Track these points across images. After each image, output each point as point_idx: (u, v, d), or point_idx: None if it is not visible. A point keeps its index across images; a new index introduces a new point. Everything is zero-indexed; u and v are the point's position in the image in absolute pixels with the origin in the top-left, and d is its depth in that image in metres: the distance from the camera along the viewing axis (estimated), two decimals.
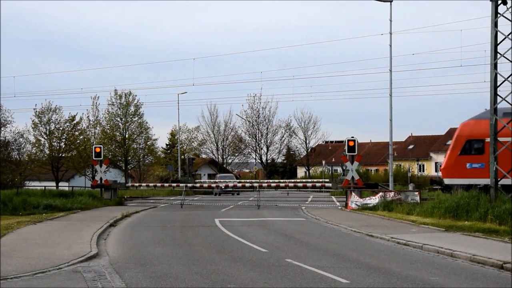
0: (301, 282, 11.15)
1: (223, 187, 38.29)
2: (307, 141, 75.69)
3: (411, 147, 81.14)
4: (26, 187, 40.36)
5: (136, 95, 62.99)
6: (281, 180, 51.35)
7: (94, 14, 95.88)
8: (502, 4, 22.55)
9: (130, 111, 63.32)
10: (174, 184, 38.87)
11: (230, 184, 38.34)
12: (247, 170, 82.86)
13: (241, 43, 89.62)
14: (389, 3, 30.81)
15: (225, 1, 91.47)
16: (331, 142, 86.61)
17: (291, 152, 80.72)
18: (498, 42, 22.56)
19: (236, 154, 77.27)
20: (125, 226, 22.50)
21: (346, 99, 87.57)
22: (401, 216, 24.44)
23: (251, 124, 74.77)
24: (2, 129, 55.10)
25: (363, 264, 13.21)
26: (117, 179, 38.85)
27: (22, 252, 14.78)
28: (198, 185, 38.28)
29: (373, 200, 29.59)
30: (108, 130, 57.02)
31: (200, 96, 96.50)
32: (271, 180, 52.42)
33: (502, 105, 23.21)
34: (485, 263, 13.09)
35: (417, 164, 74.90)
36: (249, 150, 77.08)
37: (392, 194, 29.61)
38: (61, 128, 54.40)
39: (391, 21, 31.27)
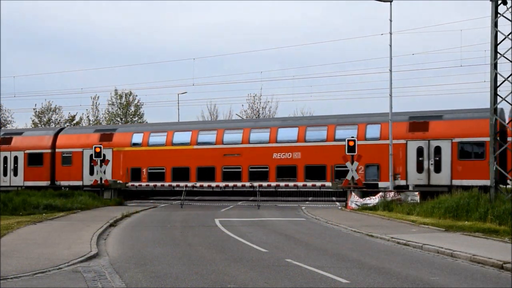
0: (301, 282, 11.15)
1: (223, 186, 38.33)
2: None
3: None
4: None
5: (136, 95, 63.35)
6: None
7: (94, 14, 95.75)
8: (502, 4, 22.57)
9: (130, 111, 63.51)
10: (174, 184, 38.74)
11: (230, 184, 38.30)
12: None
13: (241, 43, 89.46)
14: (389, 3, 30.79)
15: (225, 1, 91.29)
16: None
17: None
18: (498, 42, 22.56)
19: None
20: (125, 226, 22.49)
21: (346, 99, 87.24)
22: (401, 216, 24.43)
23: None
24: (2, 129, 55.10)
25: (363, 264, 13.21)
26: (117, 179, 38.73)
27: (22, 252, 14.78)
28: (198, 184, 38.24)
29: (373, 200, 29.57)
30: None
31: (200, 96, 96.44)
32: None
33: (502, 105, 23.20)
34: (485, 263, 13.09)
35: None
36: None
37: (392, 194, 29.60)
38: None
39: (391, 21, 31.27)
